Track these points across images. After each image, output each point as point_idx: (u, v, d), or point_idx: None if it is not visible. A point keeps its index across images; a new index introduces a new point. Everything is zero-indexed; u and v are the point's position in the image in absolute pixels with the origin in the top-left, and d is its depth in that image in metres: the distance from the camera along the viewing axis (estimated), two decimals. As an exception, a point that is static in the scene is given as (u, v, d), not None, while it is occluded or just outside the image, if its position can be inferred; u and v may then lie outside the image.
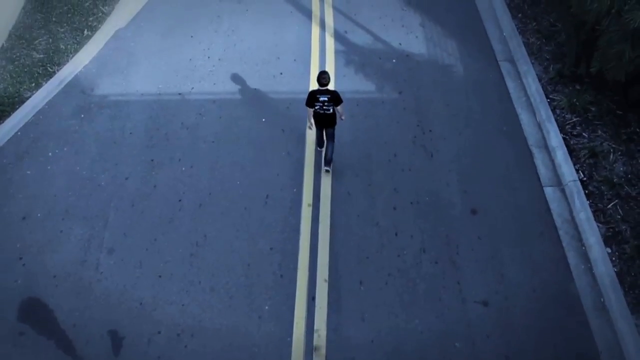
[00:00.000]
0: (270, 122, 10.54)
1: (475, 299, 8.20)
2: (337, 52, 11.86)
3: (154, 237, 8.86)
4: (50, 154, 9.91)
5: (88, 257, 8.60)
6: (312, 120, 9.39)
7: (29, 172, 9.65)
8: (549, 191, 9.49)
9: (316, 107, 9.14)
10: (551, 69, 11.28)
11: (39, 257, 8.60)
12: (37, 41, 11.72)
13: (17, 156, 9.87)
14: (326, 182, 9.60)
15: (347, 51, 11.89)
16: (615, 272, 8.29)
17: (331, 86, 10.60)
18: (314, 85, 10.02)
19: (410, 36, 12.31)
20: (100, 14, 12.48)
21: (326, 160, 9.52)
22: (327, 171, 9.67)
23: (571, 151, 9.85)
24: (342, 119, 9.39)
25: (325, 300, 8.18)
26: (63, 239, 8.81)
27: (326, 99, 9.02)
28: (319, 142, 9.92)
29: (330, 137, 9.43)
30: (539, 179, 9.69)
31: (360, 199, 9.40)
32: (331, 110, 9.15)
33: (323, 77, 8.94)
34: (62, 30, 11.99)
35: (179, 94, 11.02)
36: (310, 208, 9.24)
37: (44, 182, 9.53)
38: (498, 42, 12.17)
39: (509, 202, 9.34)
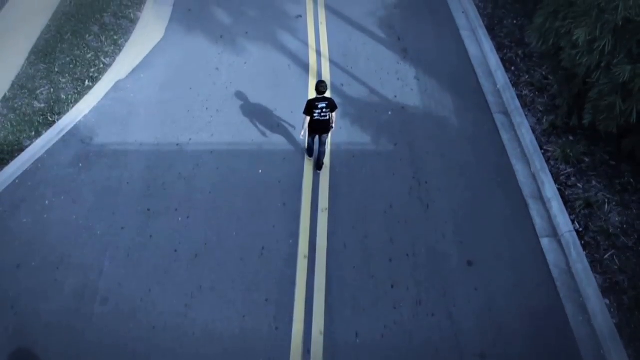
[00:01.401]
0: (267, 173, 10.71)
1: (473, 351, 8.19)
2: (333, 104, 12.19)
3: (149, 288, 8.88)
4: (47, 202, 10.03)
5: (81, 307, 8.59)
6: (307, 128, 10.09)
7: (25, 220, 9.73)
8: (545, 242, 9.62)
9: (315, 115, 9.86)
10: (545, 120, 11.59)
11: (32, 306, 8.58)
12: (39, 91, 12.03)
13: (13, 204, 9.97)
14: (322, 233, 9.71)
15: (344, 103, 12.20)
16: (614, 323, 8.34)
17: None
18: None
19: (406, 89, 12.67)
20: (101, 66, 12.85)
21: (319, 164, 10.62)
22: (318, 173, 10.67)
23: (566, 202, 10.03)
24: (332, 127, 10.27)
25: (320, 352, 8.17)
26: (57, 287, 8.82)
27: (325, 105, 9.85)
28: (310, 151, 10.76)
29: (323, 144, 10.38)
30: (534, 229, 9.83)
31: (356, 251, 9.49)
32: (328, 117, 9.96)
33: (322, 85, 9.83)
34: (64, 80, 12.33)
35: (177, 144, 11.24)
36: (306, 260, 9.32)
37: (39, 230, 9.60)
38: (492, 95, 12.53)
39: (505, 253, 9.45)
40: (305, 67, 13.19)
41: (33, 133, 11.16)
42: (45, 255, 9.24)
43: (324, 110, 9.86)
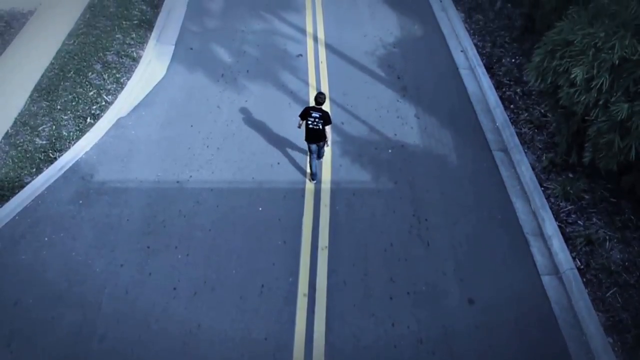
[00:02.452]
0: (267, 211, 10.83)
1: (474, 391, 8.17)
2: (333, 142, 12.33)
3: (147, 325, 8.89)
4: (46, 238, 10.12)
5: (79, 345, 8.59)
6: (304, 129, 10.80)
7: (23, 256, 9.81)
8: (546, 279, 9.67)
9: (308, 122, 10.60)
10: (544, 157, 11.77)
11: (28, 344, 8.58)
12: (40, 128, 12.26)
13: (13, 240, 10.06)
14: (322, 271, 9.77)
15: (344, 142, 12.41)
16: (618, 362, 8.33)
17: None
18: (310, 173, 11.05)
19: (406, 127, 12.88)
20: (103, 103, 13.11)
21: (311, 173, 11.31)
22: (313, 182, 11.35)
23: (567, 239, 10.12)
24: (327, 144, 10.86)
25: (320, 392, 8.15)
26: (54, 325, 8.84)
27: (318, 115, 10.52)
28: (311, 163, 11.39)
29: (318, 155, 11.09)
30: (535, 267, 9.90)
31: (356, 289, 9.54)
32: (320, 127, 10.55)
33: (320, 97, 10.58)
34: (65, 117, 12.57)
35: (177, 181, 11.39)
36: (306, 298, 9.36)
37: (38, 267, 9.66)
38: (491, 133, 12.74)
39: (506, 291, 9.48)
40: (305, 104, 13.42)
41: (34, 169, 11.34)
42: (43, 292, 9.29)
43: (316, 120, 10.52)
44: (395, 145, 12.39)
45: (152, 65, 14.71)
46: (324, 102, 10.63)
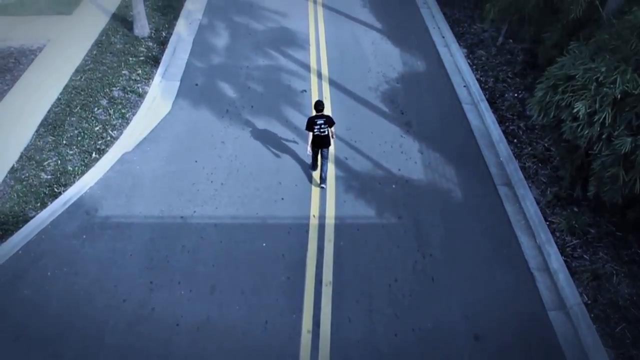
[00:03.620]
0: (271, 247, 10.86)
1: None
2: (337, 178, 12.47)
3: (149, 362, 8.87)
4: (49, 273, 10.16)
5: (80, 383, 8.58)
6: (310, 144, 11.75)
7: (26, 291, 9.83)
8: (553, 315, 9.62)
9: (315, 130, 11.55)
10: (548, 192, 11.82)
11: (29, 382, 8.58)
12: (46, 162, 12.44)
13: (15, 275, 10.10)
14: (326, 307, 9.75)
15: (348, 177, 12.51)
16: (628, 400, 8.23)
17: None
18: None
19: (410, 162, 12.99)
20: (109, 138, 13.30)
21: (322, 178, 12.03)
22: (322, 187, 12.05)
23: (573, 274, 10.10)
24: (332, 138, 11.99)
25: None
26: (55, 362, 8.83)
27: (322, 121, 11.56)
28: (314, 165, 12.42)
29: (325, 157, 11.88)
30: (542, 302, 9.85)
31: (360, 325, 9.49)
32: (326, 132, 11.62)
33: (319, 104, 11.65)
34: (71, 152, 12.75)
35: (181, 217, 11.46)
36: (310, 334, 9.31)
37: (40, 302, 9.67)
38: (495, 167, 12.83)
39: (512, 327, 9.42)
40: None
41: (38, 204, 11.45)
42: (44, 328, 9.28)
43: (323, 126, 11.54)
44: (399, 181, 12.47)
45: (158, 101, 14.96)
46: (324, 107, 11.71)
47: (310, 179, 12.35)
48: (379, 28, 18.91)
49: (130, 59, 16.43)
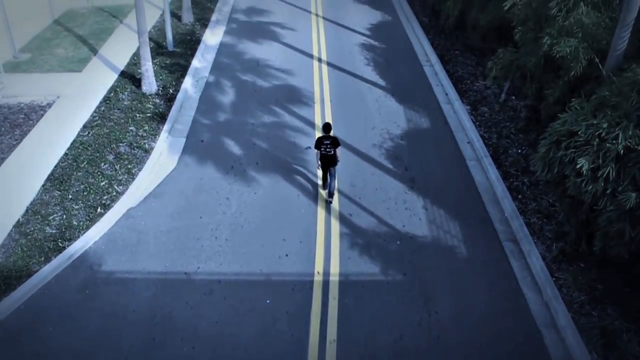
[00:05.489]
0: (275, 303, 10.88)
1: None
2: (342, 234, 12.59)
3: (150, 421, 8.80)
4: (50, 329, 10.19)
5: None
6: (319, 162, 13.04)
7: (26, 347, 9.84)
8: (562, 374, 9.54)
9: (322, 150, 12.78)
10: (554, 247, 11.90)
11: None
12: (51, 217, 12.65)
13: (17, 330, 10.13)
14: (331, 363, 9.74)
15: (352, 234, 12.63)
16: None
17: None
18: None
19: (414, 219, 13.13)
20: (114, 193, 13.54)
21: (330, 193, 13.25)
22: (330, 202, 13.35)
23: (582, 331, 10.05)
24: (338, 160, 13.01)
25: None
26: (55, 421, 8.77)
27: (329, 142, 12.80)
28: (324, 184, 13.59)
29: (332, 175, 13.10)
30: (550, 360, 9.79)
31: (366, 382, 9.44)
32: (332, 152, 12.80)
33: (327, 126, 13.00)
34: (76, 207, 12.97)
35: (185, 273, 11.54)
36: (315, 392, 9.29)
37: (42, 357, 9.65)
38: (500, 223, 12.96)
39: (521, 386, 9.35)
40: (314, 197, 13.80)
41: (42, 258, 11.58)
42: (45, 386, 9.26)
43: (329, 146, 12.75)
44: (403, 237, 12.58)
45: (164, 156, 15.28)
46: (331, 129, 13.06)
47: (314, 235, 12.46)
48: (383, 85, 19.43)
49: (138, 115, 16.88)
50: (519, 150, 15.33)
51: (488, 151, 15.44)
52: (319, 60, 21.42)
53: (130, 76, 19.24)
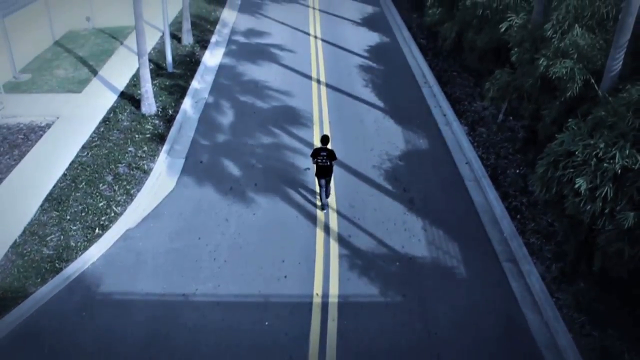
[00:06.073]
0: (274, 325, 10.82)
1: None
2: (341, 256, 12.57)
3: None
4: (46, 351, 10.12)
5: None
6: (315, 172, 13.60)
7: (23, 370, 9.80)
8: (563, 396, 9.47)
9: (318, 160, 13.35)
10: (553, 267, 11.88)
11: None
12: (49, 238, 12.63)
13: (12, 352, 10.06)
14: (330, 388, 9.67)
15: (351, 255, 12.61)
16: None
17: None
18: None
19: (413, 239, 13.12)
20: (112, 214, 13.54)
21: (322, 204, 13.92)
22: (324, 210, 13.93)
23: (582, 351, 9.99)
24: (331, 173, 13.62)
25: None
26: None
27: (325, 154, 13.35)
28: (321, 193, 13.93)
29: (325, 188, 13.68)
30: (551, 382, 9.72)
31: (365, 405, 9.37)
32: (328, 163, 13.35)
33: (325, 138, 13.57)
34: (74, 228, 12.96)
35: (183, 294, 11.50)
36: (313, 414, 9.20)
37: (37, 382, 9.63)
38: (499, 243, 12.96)
39: (522, 409, 9.28)
40: (313, 218, 13.81)
41: (39, 280, 11.54)
42: (41, 409, 9.17)
43: (325, 157, 13.32)
44: (402, 258, 12.56)
45: (162, 177, 15.32)
46: (329, 141, 13.59)
47: (313, 256, 12.45)
48: (382, 107, 19.54)
49: (137, 136, 16.95)
50: (517, 171, 15.37)
51: (486, 171, 15.49)
52: (318, 81, 21.57)
53: (129, 97, 19.35)
